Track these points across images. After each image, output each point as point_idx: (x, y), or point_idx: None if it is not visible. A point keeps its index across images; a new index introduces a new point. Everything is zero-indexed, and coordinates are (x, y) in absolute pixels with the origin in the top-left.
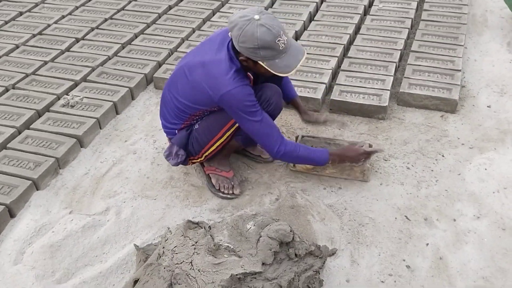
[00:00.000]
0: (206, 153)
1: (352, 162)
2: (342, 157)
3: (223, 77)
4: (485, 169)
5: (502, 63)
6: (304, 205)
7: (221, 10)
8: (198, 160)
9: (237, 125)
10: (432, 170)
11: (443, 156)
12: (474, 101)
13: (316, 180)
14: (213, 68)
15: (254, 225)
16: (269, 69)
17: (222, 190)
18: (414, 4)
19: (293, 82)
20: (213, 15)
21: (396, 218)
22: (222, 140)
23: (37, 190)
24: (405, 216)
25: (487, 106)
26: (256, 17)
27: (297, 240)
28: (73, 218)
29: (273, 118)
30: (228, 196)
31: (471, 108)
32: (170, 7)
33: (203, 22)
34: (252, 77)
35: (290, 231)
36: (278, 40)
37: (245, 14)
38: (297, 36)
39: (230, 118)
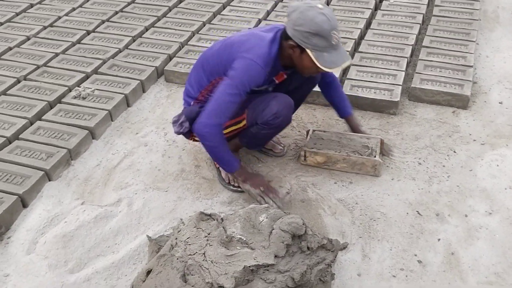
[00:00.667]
0: None
1: (251, 185)
2: (246, 178)
3: (255, 48)
4: (497, 165)
5: None
6: (315, 199)
7: (231, 4)
8: (195, 139)
9: (242, 125)
10: (443, 166)
11: (454, 152)
12: (486, 97)
13: (327, 174)
14: (251, 41)
15: (266, 217)
16: (315, 60)
17: (233, 183)
18: (425, 0)
19: None
20: (223, 8)
21: (407, 213)
22: (224, 132)
23: (49, 180)
24: (417, 211)
25: (499, 103)
26: (320, 6)
27: (310, 233)
28: (85, 209)
29: (280, 129)
30: (239, 189)
31: (483, 104)
32: (180, 1)
33: (214, 15)
34: (285, 76)
35: (303, 224)
36: (333, 33)
37: (308, 2)
38: None
39: (240, 114)
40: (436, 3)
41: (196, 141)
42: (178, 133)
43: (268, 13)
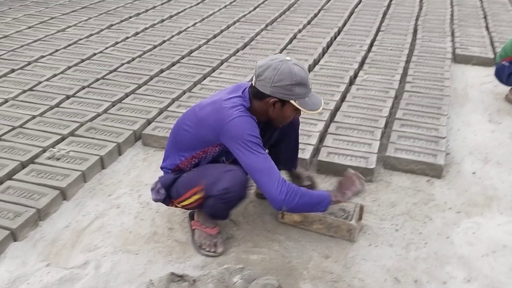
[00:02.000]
0: (183, 203)
1: (354, 191)
2: (342, 192)
3: (229, 109)
4: (473, 233)
5: (484, 132)
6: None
7: (212, 75)
8: (176, 206)
9: (201, 195)
10: (420, 233)
11: (430, 219)
12: (459, 167)
13: (305, 235)
14: (222, 103)
15: (241, 278)
16: (301, 108)
17: (204, 247)
18: (397, 77)
19: None
20: (204, 79)
21: (386, 280)
22: (190, 200)
23: (15, 241)
24: (395, 277)
25: (472, 173)
26: (288, 58)
27: None
28: (50, 270)
29: (234, 204)
30: (209, 254)
31: (456, 174)
32: (162, 70)
33: (194, 85)
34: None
35: (278, 286)
36: (308, 79)
37: (274, 57)
38: None
39: (198, 184)
40: (407, 80)
41: (177, 206)
42: (156, 200)
43: None
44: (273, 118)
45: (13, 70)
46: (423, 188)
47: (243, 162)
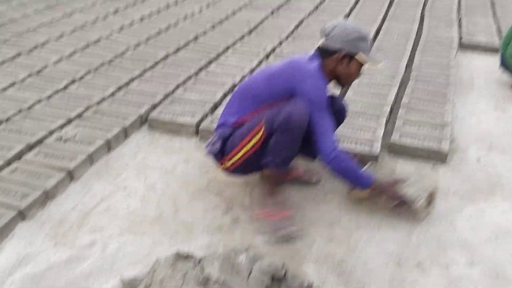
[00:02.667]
0: (233, 159)
1: (387, 200)
2: (382, 191)
3: (307, 64)
4: (477, 219)
5: (490, 120)
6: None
7: (217, 60)
8: (226, 164)
9: (259, 136)
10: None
11: (434, 205)
12: (463, 154)
13: (309, 222)
14: (297, 61)
15: (246, 258)
16: (367, 60)
17: (284, 229)
18: (403, 64)
19: None
20: (209, 64)
21: (388, 263)
22: (248, 146)
23: (23, 221)
24: (397, 261)
25: (476, 160)
26: (348, 21)
27: (289, 277)
28: (56, 250)
29: (295, 140)
30: (294, 232)
31: (460, 161)
32: (167, 55)
33: (200, 69)
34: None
35: (282, 267)
36: (369, 37)
37: (339, 20)
38: None
39: (257, 124)
40: (413, 67)
41: (223, 167)
42: (209, 152)
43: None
44: (341, 74)
45: (19, 54)
46: (428, 174)
47: (312, 116)
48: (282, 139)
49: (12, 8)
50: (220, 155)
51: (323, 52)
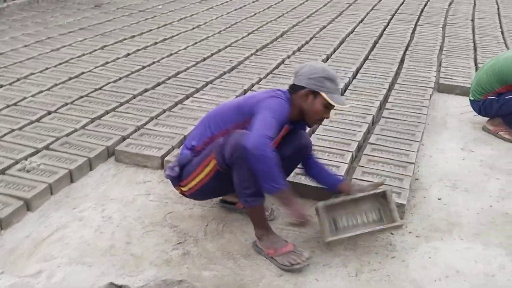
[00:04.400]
0: (189, 185)
1: (291, 214)
2: (288, 203)
3: (274, 92)
4: (430, 257)
5: (456, 159)
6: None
7: (194, 95)
8: (182, 189)
9: (212, 165)
10: (376, 254)
11: (389, 242)
12: (426, 193)
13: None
14: (269, 91)
15: None
16: (329, 99)
17: (294, 264)
18: (377, 103)
19: None
20: (186, 99)
21: None
22: (203, 175)
23: None
24: None
25: (438, 199)
26: (323, 62)
27: None
28: (2, 277)
29: (251, 165)
30: (303, 264)
31: (422, 200)
32: (146, 90)
33: (175, 104)
34: (288, 129)
35: None
36: (338, 80)
37: (312, 62)
38: None
39: (209, 155)
40: (386, 106)
41: (180, 190)
42: (167, 176)
43: None
44: (305, 111)
45: (1, 86)
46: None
47: (258, 116)
48: (241, 172)
49: (3, 42)
50: (177, 180)
51: (292, 89)
